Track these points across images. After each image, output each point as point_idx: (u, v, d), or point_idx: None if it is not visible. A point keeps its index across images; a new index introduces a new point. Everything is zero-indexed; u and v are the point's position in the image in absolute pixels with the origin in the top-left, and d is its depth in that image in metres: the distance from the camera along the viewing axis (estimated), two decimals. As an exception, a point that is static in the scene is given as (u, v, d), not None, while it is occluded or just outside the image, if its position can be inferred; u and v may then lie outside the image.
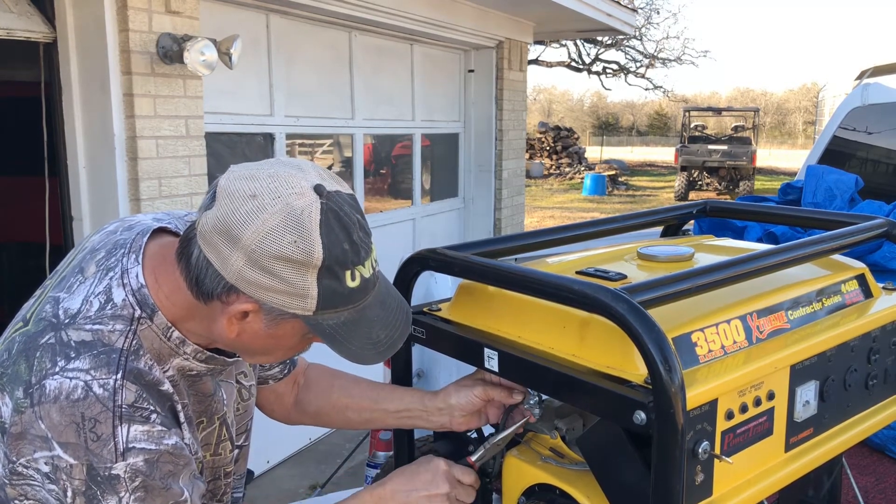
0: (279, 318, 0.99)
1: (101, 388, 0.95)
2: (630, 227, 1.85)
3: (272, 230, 0.92)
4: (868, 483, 2.30)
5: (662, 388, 0.97)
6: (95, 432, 0.93)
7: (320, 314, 0.97)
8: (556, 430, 1.35)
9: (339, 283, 0.96)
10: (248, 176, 0.95)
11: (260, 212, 0.92)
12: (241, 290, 0.95)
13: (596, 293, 1.06)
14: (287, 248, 0.92)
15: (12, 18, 3.09)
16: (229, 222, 0.92)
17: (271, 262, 0.92)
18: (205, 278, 0.97)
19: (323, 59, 4.73)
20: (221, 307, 0.99)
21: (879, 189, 3.71)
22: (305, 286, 0.94)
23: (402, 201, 5.87)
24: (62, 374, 0.95)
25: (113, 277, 1.03)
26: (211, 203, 0.95)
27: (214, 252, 0.95)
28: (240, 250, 0.92)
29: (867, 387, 1.43)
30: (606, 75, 25.85)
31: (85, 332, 0.98)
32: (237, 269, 0.94)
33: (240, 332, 1.01)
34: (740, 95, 58.17)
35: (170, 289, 1.03)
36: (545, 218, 14.93)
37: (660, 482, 1.01)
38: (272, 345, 1.04)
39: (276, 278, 0.93)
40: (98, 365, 0.96)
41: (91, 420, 0.93)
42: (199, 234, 0.96)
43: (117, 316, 1.00)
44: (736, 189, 18.93)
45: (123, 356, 0.98)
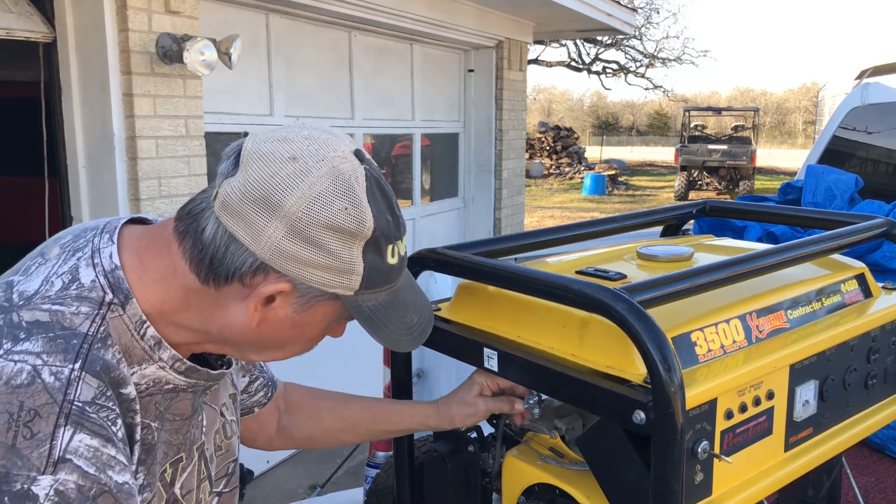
0: (313, 301, 0.86)
1: (52, 375, 0.76)
2: (630, 227, 1.85)
3: (321, 195, 0.80)
4: (868, 483, 2.30)
5: (662, 388, 0.97)
6: (30, 427, 0.73)
7: (360, 294, 0.87)
8: (556, 429, 1.35)
9: (381, 260, 0.86)
10: (280, 138, 0.84)
11: (305, 174, 0.81)
12: (274, 268, 0.82)
13: (595, 293, 1.06)
14: (338, 215, 0.81)
15: (12, 18, 3.09)
16: (267, 187, 0.80)
17: (319, 232, 0.81)
18: (224, 257, 0.82)
19: (323, 59, 4.73)
20: (241, 291, 0.84)
21: (879, 189, 3.71)
22: (352, 260, 0.84)
23: (402, 201, 5.87)
24: (5, 357, 0.76)
25: (81, 258, 0.86)
26: (234, 169, 0.82)
27: (243, 224, 0.81)
28: (280, 219, 0.80)
29: (867, 386, 1.43)
30: (606, 75, 25.86)
31: (41, 312, 0.80)
32: (274, 241, 0.81)
33: (261, 321, 0.86)
34: (740, 95, 58.18)
35: (159, 274, 0.86)
36: (545, 218, 14.94)
37: (659, 482, 1.01)
38: (292, 336, 0.91)
39: (322, 251, 0.82)
40: (53, 350, 0.77)
41: (30, 411, 0.73)
42: (221, 205, 0.82)
43: (83, 297, 0.82)
44: (736, 189, 18.93)
45: (87, 342, 0.80)
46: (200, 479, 0.99)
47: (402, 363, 1.50)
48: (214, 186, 0.85)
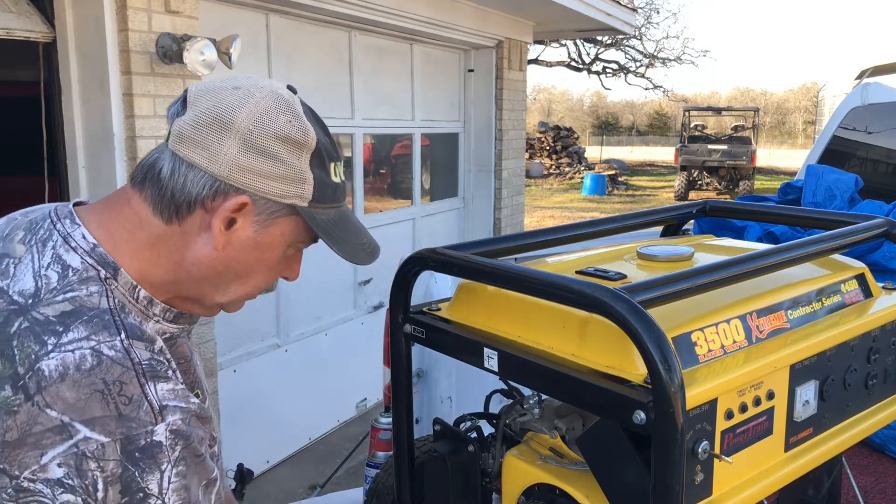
0: (272, 217, 0.93)
1: (111, 349, 0.83)
2: (630, 227, 1.85)
3: (266, 111, 0.90)
4: (868, 483, 2.30)
5: (662, 388, 0.97)
6: (125, 395, 0.81)
7: (314, 207, 0.95)
8: (556, 429, 1.35)
9: (326, 175, 0.95)
10: (222, 79, 0.93)
11: (249, 97, 0.90)
12: (234, 184, 0.89)
13: (595, 293, 1.06)
14: (285, 126, 0.90)
15: (12, 18, 3.09)
16: (217, 111, 0.89)
17: (270, 143, 0.90)
18: (184, 186, 0.89)
19: (323, 58, 4.73)
20: (203, 218, 0.91)
21: (879, 189, 3.71)
22: (302, 170, 0.92)
23: (402, 201, 5.87)
24: (59, 350, 0.81)
25: (55, 247, 0.90)
26: (183, 109, 0.91)
27: (199, 149, 0.89)
28: (233, 136, 0.89)
29: (867, 386, 1.43)
30: (606, 75, 25.86)
31: (60, 304, 0.85)
32: (231, 157, 0.89)
33: (226, 245, 0.92)
34: (740, 95, 58.17)
35: (127, 233, 0.92)
36: (545, 218, 14.93)
37: (659, 482, 1.01)
38: (254, 261, 0.96)
39: (275, 160, 0.90)
40: (96, 330, 0.84)
41: (116, 383, 0.81)
42: (176, 140, 0.90)
43: (85, 279, 0.88)
44: (736, 189, 18.93)
45: (116, 315, 0.87)
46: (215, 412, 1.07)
47: (403, 363, 1.49)
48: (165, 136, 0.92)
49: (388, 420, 2.29)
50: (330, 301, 4.93)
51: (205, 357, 3.58)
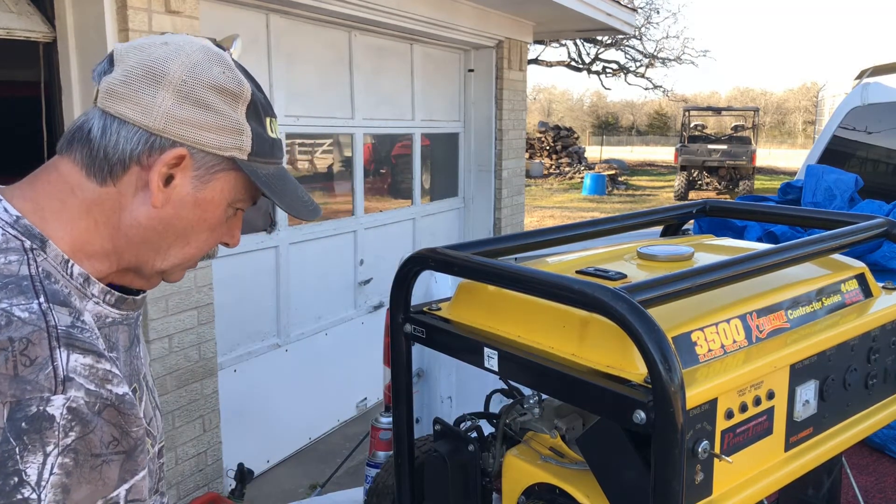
0: (211, 172, 0.90)
1: (24, 311, 0.75)
2: (630, 226, 1.85)
3: (199, 62, 0.88)
4: (868, 482, 2.30)
5: (662, 388, 0.97)
6: (27, 355, 0.73)
7: (253, 160, 0.92)
8: (556, 429, 1.35)
9: (263, 129, 0.93)
10: (147, 38, 0.91)
11: (179, 50, 0.88)
12: (170, 137, 0.86)
13: (595, 292, 1.06)
14: (219, 77, 0.88)
15: (12, 18, 3.09)
16: (148, 64, 0.86)
17: (205, 93, 0.87)
18: (117, 144, 0.85)
19: (323, 58, 4.73)
20: (140, 175, 0.87)
21: (879, 189, 3.71)
22: (239, 121, 0.90)
23: (402, 201, 5.87)
24: None
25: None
26: (110, 67, 0.87)
27: (131, 103, 0.85)
28: (166, 87, 0.85)
29: (867, 386, 1.43)
30: (606, 75, 25.86)
31: None
32: (165, 108, 0.85)
33: (165, 202, 0.88)
34: (740, 95, 58.17)
35: (58, 202, 0.87)
36: (545, 218, 14.93)
37: (659, 481, 1.01)
38: (195, 220, 0.91)
39: (210, 112, 0.87)
40: (11, 294, 0.77)
41: (22, 340, 0.73)
42: (106, 96, 0.86)
43: (5, 249, 0.81)
44: (736, 189, 18.93)
45: (37, 281, 0.80)
46: (153, 407, 1.00)
47: (403, 363, 1.50)
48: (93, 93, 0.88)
49: (388, 420, 2.29)
50: (330, 301, 4.93)
51: (205, 357, 3.58)
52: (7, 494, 0.70)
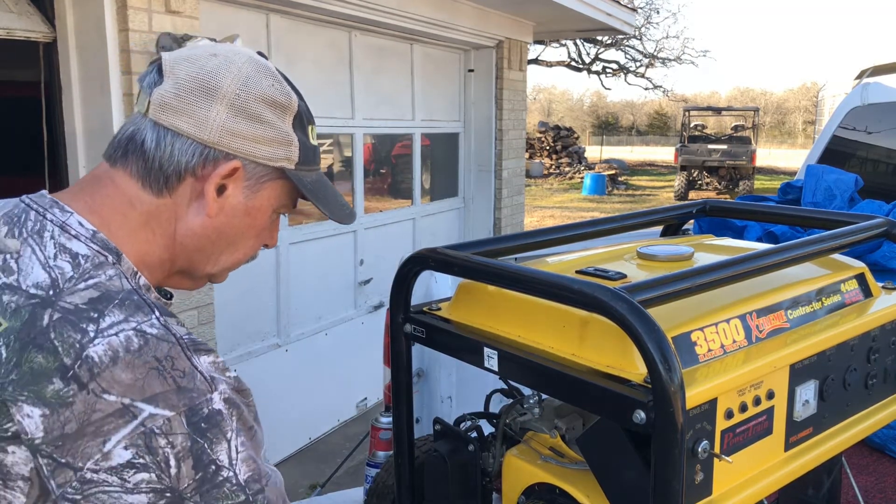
0: (261, 181, 0.94)
1: (151, 327, 0.81)
2: (630, 226, 1.85)
3: (250, 76, 0.90)
4: (868, 482, 2.30)
5: (662, 388, 0.97)
6: (178, 369, 0.80)
7: (300, 169, 0.96)
8: (556, 429, 1.35)
9: (307, 138, 0.97)
10: (193, 48, 0.93)
11: (230, 62, 0.90)
12: (224, 149, 0.89)
13: (595, 292, 1.06)
14: (269, 89, 0.91)
15: (12, 18, 3.09)
16: (201, 78, 0.88)
17: (257, 106, 0.90)
18: (172, 156, 0.88)
19: (323, 58, 4.73)
20: (194, 186, 0.90)
21: (879, 189, 3.71)
22: (288, 132, 0.93)
23: (402, 201, 5.87)
24: (102, 336, 0.78)
25: (53, 236, 0.85)
26: (159, 79, 0.89)
27: (185, 117, 0.88)
28: (220, 101, 0.88)
29: (867, 386, 1.43)
30: (606, 75, 25.86)
31: (85, 291, 0.82)
32: (220, 122, 0.88)
33: (218, 212, 0.92)
34: (740, 95, 58.16)
35: (119, 215, 0.89)
36: (545, 218, 14.93)
37: (659, 481, 1.01)
38: (245, 227, 0.96)
39: (262, 124, 0.91)
40: (131, 311, 0.81)
41: (167, 359, 0.80)
42: (158, 109, 0.88)
43: (98, 265, 0.84)
44: (736, 189, 18.93)
45: (140, 294, 0.84)
46: None
47: (403, 363, 1.50)
48: (142, 102, 0.90)
49: (388, 420, 2.29)
50: (330, 301, 4.93)
51: (205, 357, 3.58)
52: (210, 480, 0.81)
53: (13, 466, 0.77)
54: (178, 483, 0.79)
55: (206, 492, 0.80)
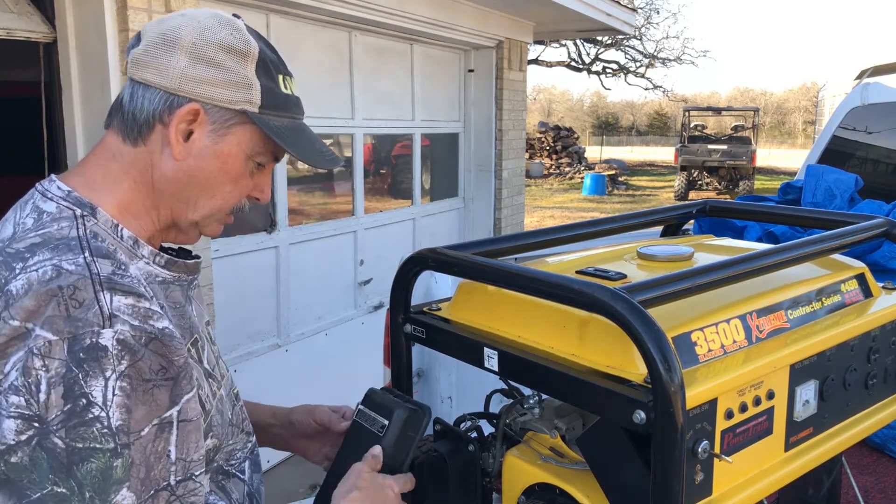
0: (226, 125, 0.98)
1: (71, 264, 0.86)
2: (630, 226, 1.85)
3: (209, 27, 0.97)
4: (868, 482, 2.30)
5: (662, 388, 0.97)
6: (76, 298, 0.83)
7: (265, 113, 0.99)
8: (556, 429, 1.35)
9: (275, 85, 1.00)
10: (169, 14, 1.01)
11: (193, 18, 0.97)
12: (185, 94, 0.95)
13: (595, 292, 1.06)
14: (227, 38, 0.97)
15: (12, 18, 3.09)
16: (164, 34, 0.95)
17: (214, 52, 0.95)
18: (142, 107, 0.96)
19: (323, 59, 4.73)
20: (163, 133, 0.96)
21: (879, 189, 3.71)
22: (248, 76, 0.97)
23: (402, 201, 5.87)
24: (25, 272, 0.85)
25: (34, 201, 0.95)
26: (136, 42, 0.98)
27: (150, 69, 0.95)
28: (180, 51, 0.95)
29: (867, 386, 1.43)
30: (606, 75, 25.87)
31: (30, 238, 0.89)
32: (180, 69, 0.94)
33: (186, 155, 0.97)
34: (740, 95, 58.17)
35: (102, 169, 0.98)
36: (545, 218, 14.93)
37: (659, 481, 1.01)
38: (217, 171, 0.99)
39: (220, 69, 0.96)
40: (60, 252, 0.87)
41: (70, 287, 0.83)
42: (132, 66, 0.96)
43: (58, 218, 0.92)
44: (736, 189, 18.93)
45: (84, 241, 0.90)
46: (216, 356, 1.09)
47: (403, 363, 1.50)
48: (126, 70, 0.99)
49: (388, 420, 2.28)
50: (330, 301, 4.93)
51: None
52: (79, 415, 0.79)
53: None
54: (45, 412, 0.79)
55: (73, 427, 0.79)
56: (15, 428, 0.79)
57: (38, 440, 0.79)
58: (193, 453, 0.90)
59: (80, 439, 0.79)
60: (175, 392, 0.88)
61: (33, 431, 0.79)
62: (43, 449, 0.78)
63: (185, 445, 0.89)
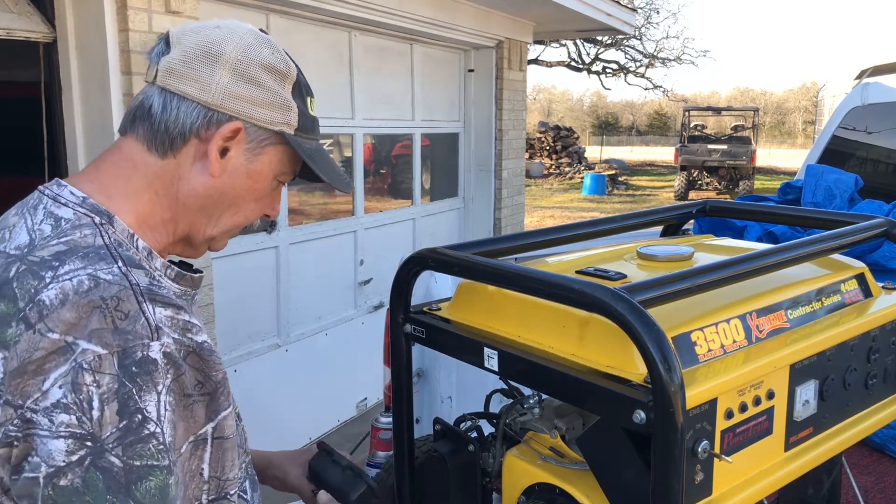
0: (262, 145, 0.97)
1: (108, 274, 0.82)
2: (630, 226, 1.85)
3: (251, 44, 0.95)
4: (868, 482, 2.30)
5: (662, 388, 0.97)
6: (121, 310, 0.80)
7: (299, 135, 0.99)
8: (556, 429, 1.35)
9: (305, 107, 1.01)
10: (198, 22, 0.99)
11: (233, 32, 0.96)
12: (226, 112, 0.93)
13: (595, 292, 1.06)
14: (269, 57, 0.96)
15: (12, 18, 3.09)
16: (205, 45, 0.93)
17: (257, 71, 0.95)
18: (178, 119, 0.92)
19: (323, 59, 4.73)
20: (198, 147, 0.94)
21: (879, 189, 3.71)
22: (287, 98, 0.97)
23: (402, 201, 5.87)
24: (57, 281, 0.80)
25: (45, 207, 0.90)
26: (166, 49, 0.94)
27: (190, 81, 0.92)
28: (223, 66, 0.93)
29: (867, 386, 1.43)
30: (606, 75, 25.87)
31: (55, 246, 0.84)
32: (223, 85, 0.93)
33: (221, 171, 0.95)
34: (740, 95, 58.18)
35: (121, 179, 0.93)
36: (545, 218, 14.93)
37: (659, 481, 1.01)
38: (246, 189, 0.98)
39: (262, 89, 0.95)
40: (92, 261, 0.83)
41: (113, 299, 0.80)
42: (166, 75, 0.93)
43: (78, 226, 0.87)
44: (736, 189, 18.93)
45: (112, 248, 0.86)
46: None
47: (403, 363, 1.50)
48: (148, 75, 0.95)
49: (388, 420, 2.28)
50: (330, 301, 4.93)
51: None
52: (135, 431, 0.77)
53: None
54: (99, 430, 0.75)
55: (130, 445, 0.76)
56: (65, 448, 0.75)
57: (92, 460, 0.75)
58: (228, 472, 0.88)
59: (137, 457, 0.77)
60: (211, 408, 0.86)
61: (86, 451, 0.75)
62: (98, 469, 0.75)
63: (219, 463, 0.87)
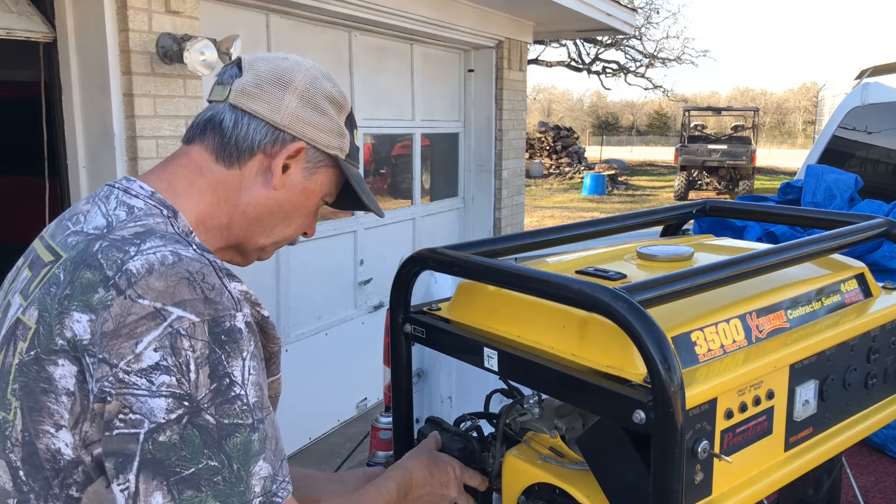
0: (317, 166, 1.08)
1: (187, 252, 0.90)
2: (630, 226, 1.85)
3: (317, 77, 1.08)
4: (868, 482, 2.30)
5: (662, 388, 0.97)
6: (208, 282, 0.87)
7: (348, 161, 1.12)
8: (555, 429, 1.35)
9: (353, 136, 1.13)
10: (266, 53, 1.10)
11: (300, 64, 1.08)
12: (291, 132, 1.04)
13: (595, 292, 1.06)
14: (331, 89, 1.09)
15: (12, 18, 3.09)
16: (277, 72, 1.05)
17: (321, 100, 1.07)
18: (247, 134, 1.02)
19: (323, 59, 4.73)
20: (262, 162, 1.04)
21: (879, 189, 3.71)
22: (342, 127, 1.10)
23: (402, 201, 5.87)
24: (142, 254, 0.88)
25: (116, 197, 0.98)
26: (239, 73, 1.06)
27: (262, 102, 1.03)
28: (292, 92, 1.05)
29: (867, 386, 1.43)
30: (606, 75, 25.86)
31: (133, 227, 0.93)
32: (291, 109, 1.04)
33: (281, 186, 1.05)
34: (740, 95, 58.19)
35: (187, 181, 1.02)
36: (545, 218, 14.93)
37: (659, 481, 1.01)
38: (300, 204, 1.08)
39: (325, 116, 1.07)
40: (170, 242, 0.91)
41: (199, 273, 0.88)
42: (239, 95, 1.03)
43: (150, 214, 0.96)
44: (736, 189, 18.93)
45: (184, 236, 0.95)
46: None
47: (403, 363, 1.50)
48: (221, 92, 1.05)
49: (388, 420, 2.29)
50: (330, 301, 4.93)
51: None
52: (223, 393, 0.85)
53: (60, 380, 0.85)
54: (195, 391, 0.83)
55: (220, 405, 0.84)
56: (165, 406, 0.82)
57: (189, 418, 0.82)
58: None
59: (226, 416, 0.84)
60: (268, 371, 0.99)
61: (183, 410, 0.82)
62: (195, 426, 0.82)
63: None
